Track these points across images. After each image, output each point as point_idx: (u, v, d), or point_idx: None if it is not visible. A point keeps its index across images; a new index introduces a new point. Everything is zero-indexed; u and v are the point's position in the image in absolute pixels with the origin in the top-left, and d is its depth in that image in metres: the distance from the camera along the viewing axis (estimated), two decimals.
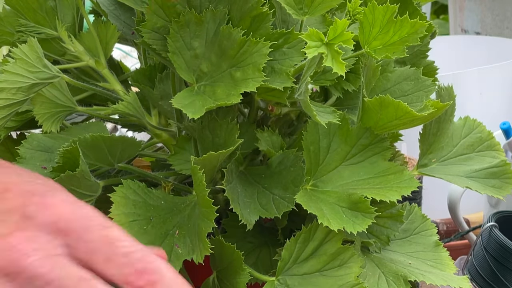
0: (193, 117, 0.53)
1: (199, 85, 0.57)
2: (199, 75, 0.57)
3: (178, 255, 0.52)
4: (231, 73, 0.56)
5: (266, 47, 0.55)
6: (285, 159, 0.58)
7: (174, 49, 0.56)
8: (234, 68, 0.56)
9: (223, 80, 0.56)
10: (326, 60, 0.50)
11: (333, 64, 0.50)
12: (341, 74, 0.50)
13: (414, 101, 0.61)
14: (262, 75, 0.55)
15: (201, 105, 0.54)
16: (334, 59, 0.50)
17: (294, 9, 0.57)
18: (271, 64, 0.57)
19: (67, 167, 0.53)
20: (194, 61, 0.57)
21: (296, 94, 0.56)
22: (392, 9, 0.52)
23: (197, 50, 0.57)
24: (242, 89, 0.54)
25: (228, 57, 0.56)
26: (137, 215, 0.54)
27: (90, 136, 0.55)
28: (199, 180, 0.52)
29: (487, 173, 0.64)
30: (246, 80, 0.55)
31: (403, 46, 0.53)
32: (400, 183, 0.56)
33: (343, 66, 0.50)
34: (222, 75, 0.56)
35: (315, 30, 0.50)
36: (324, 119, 0.53)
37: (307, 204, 0.54)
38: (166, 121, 0.64)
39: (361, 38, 0.53)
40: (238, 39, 0.56)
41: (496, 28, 1.53)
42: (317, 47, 0.50)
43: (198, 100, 0.55)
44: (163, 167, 0.67)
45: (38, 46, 0.57)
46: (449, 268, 0.62)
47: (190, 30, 0.56)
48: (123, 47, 1.27)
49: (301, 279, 0.55)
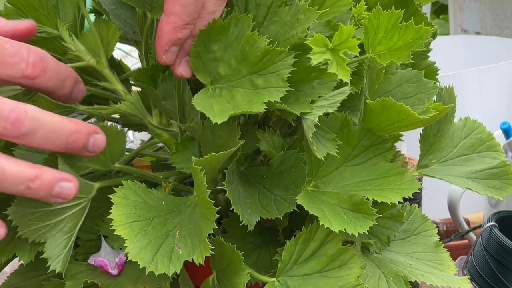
0: (216, 121, 0.52)
1: (214, 87, 0.56)
2: (215, 77, 0.57)
3: (179, 255, 0.52)
4: (252, 79, 0.55)
5: (291, 57, 0.54)
6: (286, 159, 0.58)
7: (194, 53, 0.56)
8: (255, 75, 0.55)
9: (242, 86, 0.56)
10: (331, 67, 0.50)
11: (338, 71, 0.50)
12: (346, 81, 0.50)
13: (415, 103, 0.61)
14: (286, 85, 0.54)
15: (220, 110, 0.53)
16: (339, 65, 0.50)
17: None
18: (297, 94, 0.56)
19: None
20: (211, 63, 0.56)
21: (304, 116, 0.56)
22: (397, 14, 0.52)
23: (217, 53, 0.56)
24: (266, 97, 0.54)
25: (250, 63, 0.56)
26: (138, 216, 0.53)
27: None
28: (200, 181, 0.52)
29: (487, 174, 0.64)
30: (269, 89, 0.54)
31: (408, 51, 0.53)
32: (401, 184, 0.56)
33: (348, 73, 0.50)
34: (242, 81, 0.56)
35: (321, 35, 0.50)
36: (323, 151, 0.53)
37: (308, 205, 0.54)
38: (167, 121, 0.64)
39: (365, 43, 0.53)
40: (263, 47, 0.55)
41: (496, 28, 1.53)
42: (322, 53, 0.50)
43: (215, 104, 0.54)
44: (163, 167, 0.67)
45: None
46: (450, 268, 0.62)
47: (212, 34, 0.56)
48: (123, 47, 1.27)
49: (301, 280, 0.55)
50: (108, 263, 0.59)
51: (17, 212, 0.51)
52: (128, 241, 0.51)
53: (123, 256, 0.59)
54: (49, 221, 0.53)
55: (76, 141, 0.53)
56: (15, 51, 0.52)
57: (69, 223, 0.55)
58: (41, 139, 0.52)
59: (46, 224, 0.53)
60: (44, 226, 0.53)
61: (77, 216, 0.55)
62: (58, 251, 0.54)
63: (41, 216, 0.52)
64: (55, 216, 0.54)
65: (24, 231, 0.53)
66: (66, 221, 0.54)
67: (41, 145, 0.52)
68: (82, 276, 0.58)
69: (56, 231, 0.54)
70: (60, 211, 0.54)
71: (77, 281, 0.57)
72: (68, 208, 0.54)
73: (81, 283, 0.57)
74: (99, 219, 0.61)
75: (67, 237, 0.55)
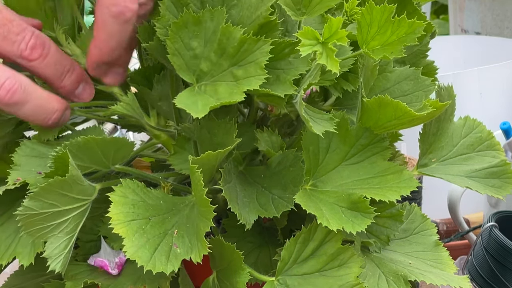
0: (197, 116, 0.53)
1: (199, 85, 0.57)
2: (199, 75, 0.57)
3: (177, 254, 0.52)
4: (232, 71, 0.56)
5: (267, 44, 0.55)
6: (285, 159, 0.58)
7: (173, 51, 0.56)
8: (235, 67, 0.56)
9: (224, 79, 0.56)
10: (321, 58, 0.50)
11: (327, 62, 0.50)
12: (335, 71, 0.50)
13: (413, 101, 0.61)
14: (264, 72, 0.55)
15: (204, 104, 0.54)
16: (329, 57, 0.50)
17: (292, 10, 0.57)
18: (276, 73, 0.56)
19: (59, 172, 0.53)
20: (193, 61, 0.57)
21: (293, 100, 0.56)
22: (390, 9, 0.52)
23: (196, 50, 0.57)
24: (245, 87, 0.54)
25: (229, 56, 0.56)
26: (136, 214, 0.54)
27: (81, 139, 0.55)
28: (197, 180, 0.52)
29: (487, 173, 0.64)
30: (248, 78, 0.55)
31: (401, 46, 0.53)
32: (400, 183, 0.56)
33: (337, 63, 0.50)
34: (223, 74, 0.56)
35: (310, 28, 0.50)
36: (320, 128, 0.53)
37: (306, 204, 0.54)
38: (165, 121, 0.64)
39: (359, 38, 0.53)
40: (239, 37, 0.56)
41: (496, 28, 1.53)
42: (312, 45, 0.50)
43: (199, 100, 0.55)
44: (162, 168, 0.67)
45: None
46: (449, 267, 0.62)
47: (189, 30, 0.56)
48: None
49: (301, 279, 0.55)
50: (108, 263, 0.59)
51: (25, 211, 0.52)
52: (126, 240, 0.51)
53: (123, 256, 0.59)
54: (53, 221, 0.53)
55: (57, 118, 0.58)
56: (19, 30, 0.55)
57: (71, 224, 0.55)
58: (29, 111, 0.56)
59: (50, 224, 0.53)
60: (48, 226, 0.53)
61: (79, 217, 0.55)
62: (59, 251, 0.54)
63: (46, 217, 0.53)
64: (59, 217, 0.54)
65: (28, 230, 0.53)
66: (69, 221, 0.54)
67: (27, 117, 0.56)
68: (82, 277, 0.58)
69: (58, 231, 0.54)
70: (64, 212, 0.54)
71: (77, 281, 0.57)
72: (72, 210, 0.54)
73: (81, 283, 0.57)
74: (99, 219, 0.61)
75: (68, 237, 0.55)
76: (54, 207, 0.53)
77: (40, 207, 0.52)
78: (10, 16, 0.55)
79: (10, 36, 0.55)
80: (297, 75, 0.56)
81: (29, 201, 0.51)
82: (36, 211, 0.52)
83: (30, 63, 0.56)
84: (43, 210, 0.52)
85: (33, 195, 0.51)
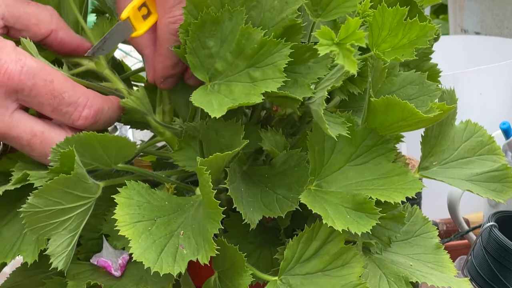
0: (214, 116, 0.53)
1: (212, 84, 0.57)
2: (213, 74, 0.57)
3: (183, 255, 0.52)
4: (249, 72, 0.56)
5: (287, 48, 0.55)
6: (289, 159, 0.58)
7: (190, 50, 0.57)
8: (252, 68, 0.56)
9: (240, 80, 0.56)
10: (338, 58, 0.50)
11: (344, 62, 0.50)
12: (353, 72, 0.50)
13: (418, 105, 0.61)
14: (283, 75, 0.55)
15: (220, 104, 0.54)
16: (346, 57, 0.50)
17: (310, 10, 0.57)
18: (294, 76, 0.57)
19: (64, 168, 0.53)
20: (208, 60, 0.57)
21: (307, 101, 0.56)
22: (402, 11, 0.52)
23: (212, 49, 0.57)
24: (263, 89, 0.54)
25: (246, 57, 0.56)
26: (142, 216, 0.54)
27: (83, 134, 0.55)
28: (205, 181, 0.52)
29: (488, 176, 0.64)
30: (266, 81, 0.55)
31: (412, 48, 0.53)
32: (404, 184, 0.56)
33: (355, 64, 0.50)
34: (239, 75, 0.56)
35: (328, 28, 0.50)
36: (335, 131, 0.54)
37: (311, 204, 0.54)
38: (170, 119, 0.64)
39: (370, 40, 0.53)
40: (259, 39, 0.55)
41: (496, 28, 1.54)
42: (329, 45, 0.50)
43: (214, 99, 0.55)
44: (164, 167, 0.67)
45: (31, 46, 0.57)
46: (450, 270, 0.62)
47: (206, 29, 0.56)
48: (123, 47, 1.27)
49: (303, 279, 0.55)
50: (111, 264, 0.59)
51: (30, 208, 0.52)
52: (132, 241, 0.51)
53: (125, 256, 0.59)
54: (57, 218, 0.53)
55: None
56: (72, 101, 0.56)
57: (75, 221, 0.55)
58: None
59: (54, 221, 0.53)
60: (52, 223, 0.53)
61: (82, 215, 0.55)
62: (62, 249, 0.54)
63: (50, 214, 0.53)
64: (63, 214, 0.54)
65: (31, 227, 0.53)
66: (72, 219, 0.54)
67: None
68: (85, 277, 0.58)
69: (61, 229, 0.54)
70: (68, 209, 0.54)
71: (80, 281, 0.57)
72: (76, 207, 0.54)
73: (83, 283, 0.57)
74: (101, 218, 0.61)
75: (71, 235, 0.55)
76: (58, 204, 0.53)
77: (45, 205, 0.52)
78: (62, 88, 0.55)
79: (61, 108, 0.56)
80: (315, 79, 0.56)
81: (33, 198, 0.51)
82: (40, 208, 0.52)
83: (83, 128, 0.57)
84: (47, 208, 0.52)
85: (38, 192, 0.52)
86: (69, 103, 0.56)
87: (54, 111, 0.56)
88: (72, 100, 0.56)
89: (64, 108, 0.56)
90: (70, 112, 0.56)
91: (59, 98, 0.55)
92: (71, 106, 0.56)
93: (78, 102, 0.56)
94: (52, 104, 0.55)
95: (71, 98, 0.56)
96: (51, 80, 0.55)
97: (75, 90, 0.56)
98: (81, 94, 0.57)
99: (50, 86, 0.55)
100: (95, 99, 0.57)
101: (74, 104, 0.56)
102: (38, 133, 0.56)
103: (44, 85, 0.55)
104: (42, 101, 0.55)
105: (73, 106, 0.56)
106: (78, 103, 0.56)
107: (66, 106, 0.56)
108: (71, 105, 0.56)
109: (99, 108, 0.57)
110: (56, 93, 0.55)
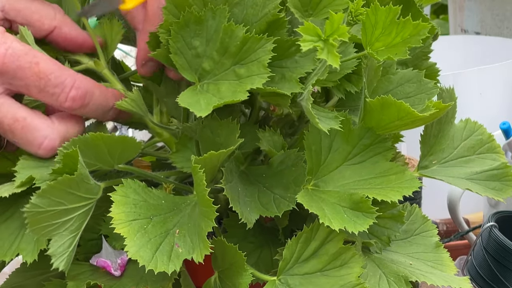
0: (201, 115, 0.53)
1: (201, 84, 0.57)
2: (202, 74, 0.57)
3: (178, 254, 0.52)
4: (235, 70, 0.56)
5: (270, 43, 0.55)
6: (287, 158, 0.58)
7: (175, 50, 0.57)
8: (237, 66, 0.56)
9: (227, 78, 0.56)
10: (321, 53, 0.50)
11: (328, 57, 0.50)
12: (335, 66, 0.50)
13: (416, 103, 0.61)
14: (267, 71, 0.55)
15: (207, 103, 0.54)
16: (329, 52, 0.50)
17: (300, 11, 0.57)
18: (282, 71, 0.57)
19: (67, 169, 0.53)
20: (195, 60, 0.57)
21: (298, 98, 0.56)
22: (395, 10, 0.52)
23: (198, 49, 0.57)
24: (248, 86, 0.54)
25: (231, 55, 0.56)
26: (138, 214, 0.54)
27: (90, 135, 0.55)
28: (199, 180, 0.52)
29: (488, 175, 0.64)
30: (251, 77, 0.55)
31: (406, 47, 0.53)
32: (402, 183, 0.56)
33: (337, 58, 0.50)
34: (226, 73, 0.56)
35: (312, 24, 0.50)
36: (326, 125, 0.53)
37: (308, 203, 0.54)
38: (168, 119, 0.64)
39: (363, 39, 0.53)
40: (242, 36, 0.56)
41: (496, 28, 1.53)
42: (313, 41, 0.50)
43: (202, 99, 0.55)
44: (163, 167, 0.67)
45: (28, 34, 0.57)
46: (450, 269, 0.62)
47: (190, 29, 0.56)
48: (123, 47, 1.27)
49: (302, 279, 0.55)
50: (110, 264, 0.59)
51: (33, 208, 0.52)
52: (128, 239, 0.51)
53: (125, 256, 0.59)
54: (59, 219, 0.53)
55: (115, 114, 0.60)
56: (58, 82, 0.55)
57: (76, 222, 0.55)
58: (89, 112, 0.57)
59: (56, 222, 0.53)
60: (54, 224, 0.53)
61: (84, 216, 0.55)
62: (63, 250, 0.54)
63: (53, 214, 0.52)
64: (65, 215, 0.53)
65: (33, 227, 0.53)
66: (74, 220, 0.54)
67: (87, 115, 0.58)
68: (85, 277, 0.58)
69: (63, 230, 0.54)
70: (71, 210, 0.54)
71: (80, 281, 0.57)
72: (78, 208, 0.54)
73: (83, 284, 0.57)
74: (100, 218, 0.61)
75: (72, 236, 0.55)
76: (61, 205, 0.53)
77: (48, 205, 0.52)
78: (48, 69, 0.55)
79: (48, 89, 0.55)
80: (303, 73, 0.56)
81: (36, 198, 0.51)
82: (43, 209, 0.52)
83: (72, 111, 0.57)
84: (50, 208, 0.52)
85: (41, 193, 0.51)
86: (55, 84, 0.55)
87: (41, 92, 0.55)
88: (58, 81, 0.55)
89: (50, 89, 0.55)
90: (57, 93, 0.55)
91: (45, 80, 0.55)
92: (57, 87, 0.55)
93: (65, 83, 0.55)
94: (39, 85, 0.55)
95: (57, 79, 0.55)
96: (37, 62, 0.55)
97: (61, 71, 0.56)
98: (68, 76, 0.56)
99: (36, 68, 0.54)
100: (83, 81, 0.57)
101: (61, 85, 0.55)
102: (20, 119, 0.55)
103: (30, 67, 0.54)
104: (28, 83, 0.54)
105: (60, 87, 0.55)
106: (65, 84, 0.55)
107: (53, 88, 0.55)
108: (58, 86, 0.55)
109: (87, 90, 0.56)
110: (42, 74, 0.55)
